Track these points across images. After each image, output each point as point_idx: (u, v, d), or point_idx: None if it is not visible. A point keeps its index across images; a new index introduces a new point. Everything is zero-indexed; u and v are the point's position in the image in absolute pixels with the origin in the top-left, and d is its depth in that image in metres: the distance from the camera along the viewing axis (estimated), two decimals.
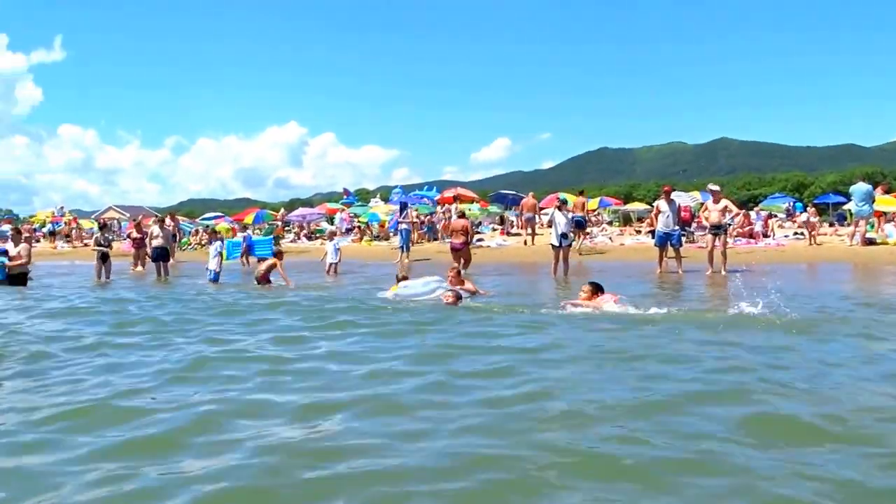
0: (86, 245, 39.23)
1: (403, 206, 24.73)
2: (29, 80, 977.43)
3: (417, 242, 28.30)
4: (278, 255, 17.50)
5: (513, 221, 33.59)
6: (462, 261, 17.64)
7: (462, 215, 20.32)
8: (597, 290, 9.85)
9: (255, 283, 16.06)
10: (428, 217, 31.48)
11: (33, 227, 48.87)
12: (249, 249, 25.83)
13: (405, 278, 13.07)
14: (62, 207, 55.72)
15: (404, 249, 23.32)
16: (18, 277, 14.95)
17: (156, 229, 20.74)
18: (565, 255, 17.28)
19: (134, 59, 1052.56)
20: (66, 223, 44.39)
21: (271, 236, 31.93)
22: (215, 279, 16.61)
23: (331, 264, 19.26)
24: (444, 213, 29.85)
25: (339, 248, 19.91)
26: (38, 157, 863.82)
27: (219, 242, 18.03)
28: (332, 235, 20.39)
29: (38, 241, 42.54)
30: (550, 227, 18.72)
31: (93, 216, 69.92)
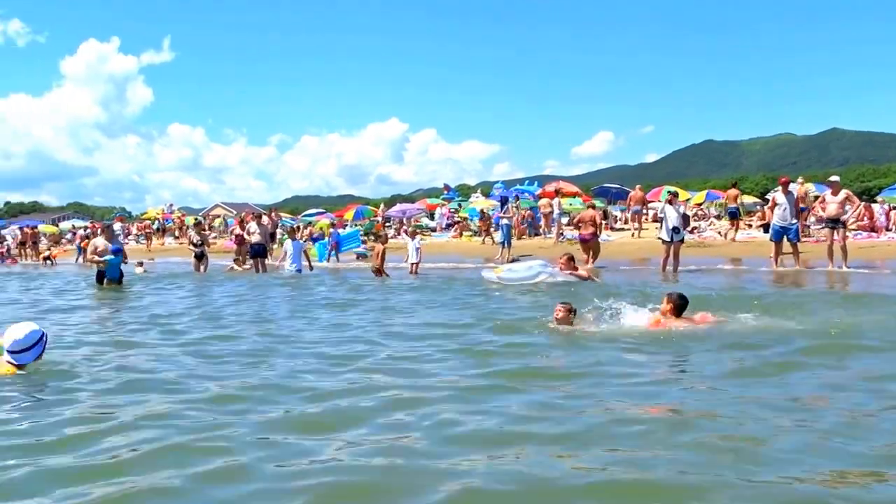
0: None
1: (504, 201, 24.27)
2: (139, 82, 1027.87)
3: (519, 238, 27.78)
4: (384, 239, 17.58)
5: (617, 216, 32.58)
6: (591, 252, 17.55)
7: (592, 206, 20.08)
8: (679, 305, 7.84)
9: (373, 274, 16.16)
10: (529, 212, 30.88)
11: (144, 223, 51.14)
12: (338, 246, 26.12)
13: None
14: (171, 205, 58.08)
15: (505, 245, 22.86)
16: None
17: (253, 226, 20.86)
18: (676, 251, 16.61)
19: (239, 59, 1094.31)
20: (174, 220, 46.00)
21: (356, 229, 32.16)
22: (298, 271, 16.82)
23: (412, 263, 18.81)
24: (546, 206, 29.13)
25: (419, 248, 19.40)
26: (149, 156, 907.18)
27: (289, 241, 18.17)
28: (413, 234, 19.98)
29: (148, 238, 44.37)
30: (657, 221, 18.15)
31: (200, 213, 72.65)
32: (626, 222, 30.78)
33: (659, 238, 17.22)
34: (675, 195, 18.41)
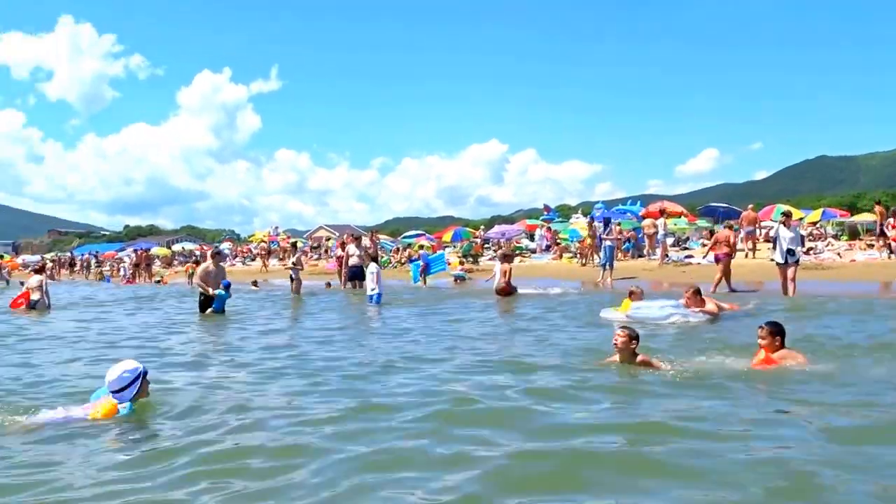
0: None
1: (607, 222, 23.52)
2: (249, 109, 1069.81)
3: (621, 260, 26.96)
4: (508, 258, 17.01)
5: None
6: (720, 275, 16.82)
7: (729, 227, 19.21)
8: (778, 333, 6.93)
9: (497, 295, 15.62)
10: (632, 233, 29.96)
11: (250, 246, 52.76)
12: (427, 268, 25.95)
13: None
14: (277, 227, 59.74)
15: (607, 267, 22.12)
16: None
17: (352, 248, 20.81)
18: (792, 274, 15.57)
19: (342, 86, 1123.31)
20: (279, 243, 47.14)
21: (442, 252, 31.89)
22: (378, 301, 15.91)
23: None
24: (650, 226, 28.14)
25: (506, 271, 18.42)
26: (257, 181, 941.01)
27: (374, 264, 17.37)
28: (503, 257, 19.13)
29: (253, 259, 45.67)
30: (769, 241, 17.12)
31: (305, 235, 74.47)
32: (743, 242, 29.46)
33: (772, 259, 16.29)
34: (789, 215, 17.35)
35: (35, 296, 18.38)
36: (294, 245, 22.41)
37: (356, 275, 20.17)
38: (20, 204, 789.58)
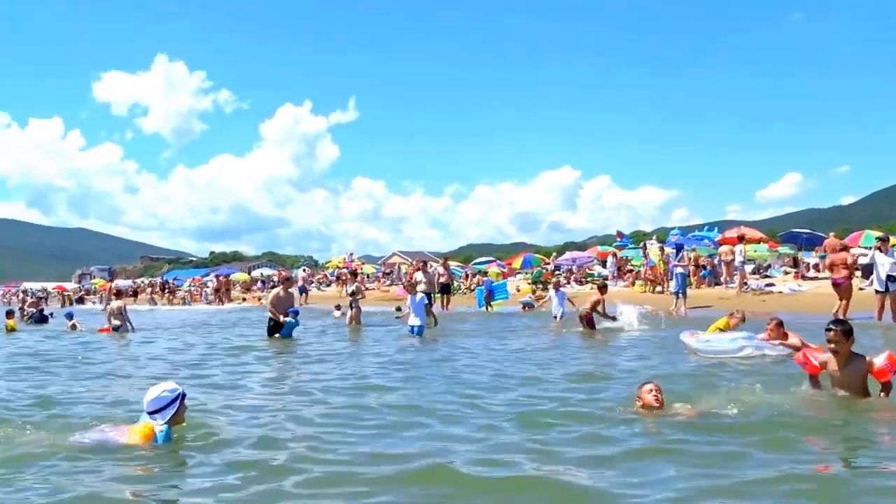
0: (367, 289, 41.63)
1: (679, 248, 22.63)
2: (328, 139, 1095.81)
3: (697, 287, 25.94)
4: (603, 288, 16.39)
5: (808, 263, 29.69)
6: (842, 300, 15.92)
7: (845, 248, 18.26)
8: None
9: (580, 321, 15.07)
10: (708, 260, 28.82)
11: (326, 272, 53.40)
12: (491, 295, 25.51)
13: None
14: (351, 254, 60.43)
15: (680, 295, 21.24)
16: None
17: (420, 275, 20.67)
18: (893, 302, 14.68)
19: (417, 115, 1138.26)
20: (352, 269, 47.45)
21: (505, 280, 31.32)
22: (419, 333, 15.31)
23: (555, 316, 17.26)
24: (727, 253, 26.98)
25: (566, 300, 17.83)
26: (335, 208, 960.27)
27: (421, 294, 16.69)
28: (557, 285, 18.33)
29: (329, 285, 46.14)
30: (857, 269, 16.11)
31: (379, 261, 75.07)
32: (819, 270, 27.96)
33: (861, 288, 15.42)
34: (886, 240, 16.35)
35: (116, 322, 18.75)
36: (353, 273, 22.21)
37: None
38: (117, 232, 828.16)
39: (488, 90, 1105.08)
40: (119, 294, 23.01)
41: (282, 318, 15.30)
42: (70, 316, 21.20)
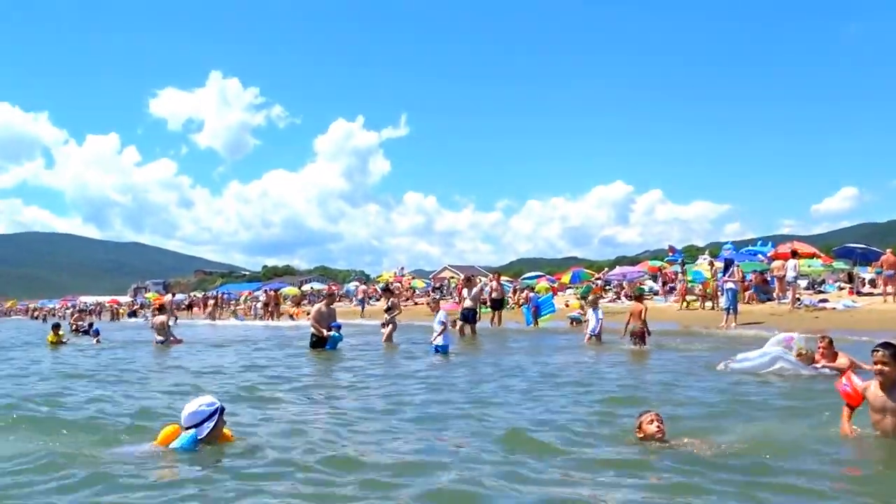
0: (416, 304, 41.95)
1: (729, 264, 22.41)
2: (380, 154, 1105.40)
3: (748, 303, 25.66)
4: (639, 297, 16.30)
5: (864, 279, 29.12)
6: None
7: None
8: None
9: (630, 338, 14.86)
10: (759, 275, 28.44)
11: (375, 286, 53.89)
12: (538, 310, 25.47)
13: None
14: (402, 268, 60.91)
15: (730, 311, 21.07)
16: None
17: (465, 290, 20.64)
18: None
19: (467, 131, 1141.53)
20: (401, 284, 47.85)
21: (550, 294, 31.18)
22: (444, 351, 14.63)
23: (590, 335, 16.74)
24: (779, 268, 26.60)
25: (601, 318, 17.45)
26: (386, 222, 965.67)
27: (443, 312, 16.16)
28: (594, 303, 17.95)
29: (378, 299, 46.51)
30: None
31: (430, 275, 75.37)
32: (874, 286, 27.43)
33: None
34: None
35: (160, 336, 19.30)
36: (387, 289, 22.03)
37: (466, 318, 19.82)
38: (171, 246, 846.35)
39: (539, 105, 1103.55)
40: (162, 309, 23.56)
41: (325, 333, 15.59)
42: (96, 332, 21.99)
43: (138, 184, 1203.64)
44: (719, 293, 24.84)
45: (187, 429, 5.52)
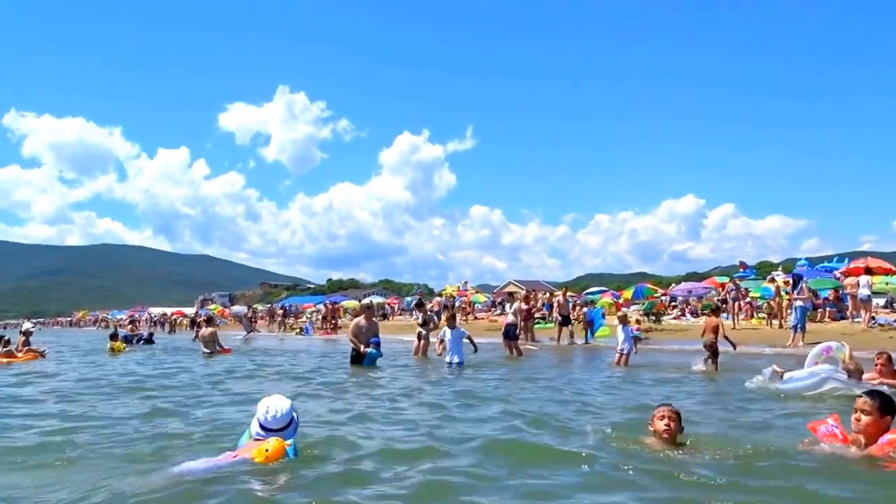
0: (476, 318, 41.73)
1: (797, 280, 21.61)
2: (445, 168, 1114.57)
3: (817, 322, 24.72)
4: (716, 311, 15.69)
5: None
6: None
7: None
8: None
9: (704, 348, 14.32)
10: (834, 293, 27.33)
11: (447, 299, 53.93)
12: (591, 325, 25.06)
13: None
14: (466, 282, 60.63)
15: (797, 329, 20.31)
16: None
17: (507, 305, 19.94)
18: None
19: (534, 144, 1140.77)
20: (463, 298, 47.64)
21: (599, 307, 30.47)
22: (459, 364, 14.63)
23: (620, 354, 15.90)
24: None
25: (633, 336, 16.60)
26: (452, 236, 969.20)
27: (456, 329, 15.72)
28: (624, 320, 16.98)
29: (438, 313, 46.45)
30: None
31: (494, 290, 74.96)
32: None
33: None
34: None
35: (206, 348, 19.59)
36: (420, 304, 21.33)
37: (508, 334, 19.13)
38: (238, 258, 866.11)
39: (607, 117, 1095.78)
40: (210, 321, 23.85)
41: (362, 349, 15.15)
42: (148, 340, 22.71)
43: (207, 197, 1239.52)
44: (788, 311, 23.99)
45: (275, 431, 4.92)
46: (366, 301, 37.19)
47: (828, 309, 26.35)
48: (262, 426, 4.99)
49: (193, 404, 9.15)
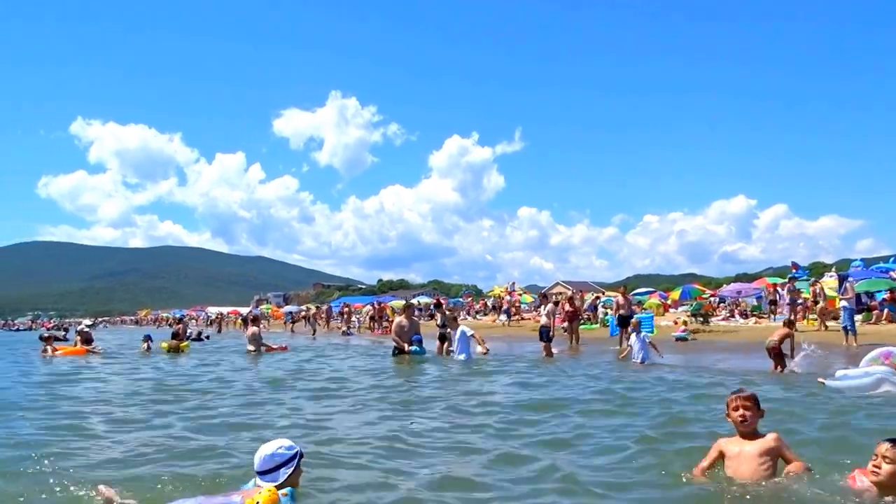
0: (523, 319, 41.51)
1: (842, 280, 21.00)
2: (494, 170, 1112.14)
3: (873, 323, 23.92)
4: (790, 324, 15.36)
5: None
6: None
7: None
8: None
9: (768, 354, 13.95)
10: (891, 294, 26.37)
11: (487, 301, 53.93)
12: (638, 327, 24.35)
13: None
14: (514, 283, 60.33)
15: (849, 331, 19.68)
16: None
17: (543, 307, 19.41)
18: None
19: (582, 145, 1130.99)
20: (509, 299, 47.46)
21: (651, 313, 29.84)
22: (467, 360, 14.62)
23: (634, 362, 15.71)
24: None
25: (648, 342, 16.27)
26: (500, 237, 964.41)
27: (463, 328, 15.66)
28: (636, 327, 16.82)
29: (486, 314, 46.48)
30: None
31: (543, 290, 74.62)
32: None
33: None
34: None
35: (251, 347, 19.86)
36: (439, 305, 21.15)
37: (542, 335, 18.71)
38: (292, 260, 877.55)
39: (656, 116, 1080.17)
40: (255, 320, 24.10)
41: (407, 348, 15.41)
42: (148, 338, 23.13)
43: (262, 200, 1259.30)
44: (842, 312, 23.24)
45: (260, 474, 4.72)
46: (413, 301, 37.40)
47: (886, 311, 25.46)
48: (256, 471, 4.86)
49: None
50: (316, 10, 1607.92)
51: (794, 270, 42.87)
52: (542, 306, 19.60)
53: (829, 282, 31.67)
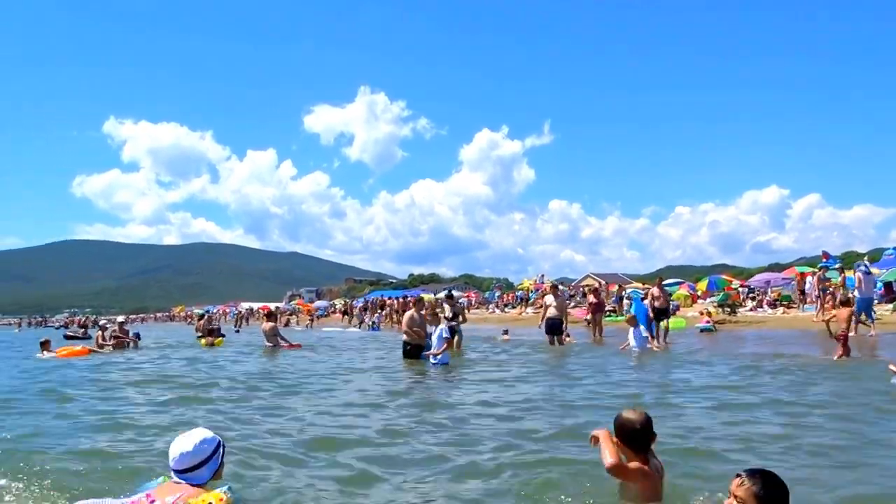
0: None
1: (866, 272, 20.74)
2: (524, 163, 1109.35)
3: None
4: (846, 303, 15.30)
5: None
6: None
7: None
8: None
9: (837, 340, 13.62)
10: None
11: (516, 294, 54.02)
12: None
13: None
14: (542, 276, 60.20)
15: (871, 321, 19.52)
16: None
17: (549, 298, 18.73)
18: None
19: (612, 138, 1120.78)
20: (538, 292, 47.46)
21: (673, 301, 29.52)
22: (443, 363, 13.72)
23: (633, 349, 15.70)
24: None
25: (645, 336, 16.33)
26: (531, 231, 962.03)
27: (443, 326, 14.88)
28: (633, 321, 16.54)
29: (514, 307, 46.57)
30: None
31: (573, 283, 74.19)
32: None
33: None
34: None
35: (269, 342, 19.74)
36: (450, 296, 20.07)
37: (552, 328, 18.26)
38: (324, 255, 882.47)
39: (687, 108, 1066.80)
40: (271, 316, 23.90)
41: (428, 344, 14.59)
42: (137, 335, 23.28)
43: (294, 196, 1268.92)
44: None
45: (180, 472, 3.99)
46: (438, 295, 37.47)
47: None
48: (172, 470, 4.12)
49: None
50: (344, 6, 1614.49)
51: (824, 259, 42.41)
52: (553, 296, 18.75)
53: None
